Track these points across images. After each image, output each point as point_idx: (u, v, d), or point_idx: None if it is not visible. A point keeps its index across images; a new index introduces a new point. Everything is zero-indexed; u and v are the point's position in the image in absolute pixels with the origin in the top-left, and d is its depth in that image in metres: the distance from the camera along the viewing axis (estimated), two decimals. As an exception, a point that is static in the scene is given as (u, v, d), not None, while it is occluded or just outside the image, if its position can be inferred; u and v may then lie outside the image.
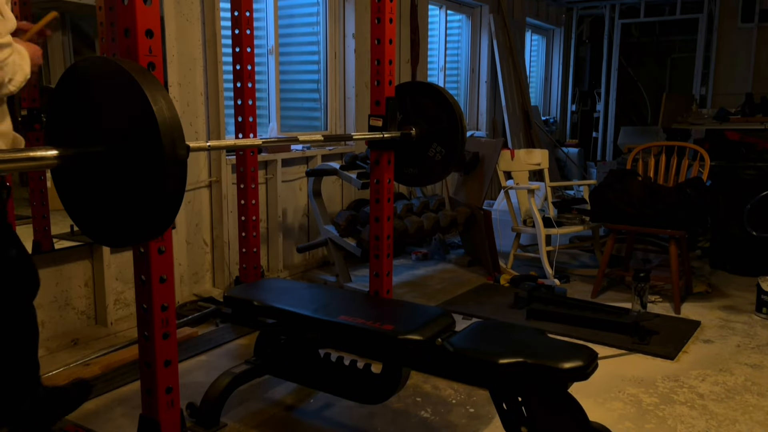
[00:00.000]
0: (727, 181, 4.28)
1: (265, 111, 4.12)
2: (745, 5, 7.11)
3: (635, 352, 2.96)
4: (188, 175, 2.56)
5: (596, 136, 8.52)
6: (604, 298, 3.74)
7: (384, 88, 2.70)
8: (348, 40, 4.58)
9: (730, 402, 2.50)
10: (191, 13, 3.42)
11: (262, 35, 4.04)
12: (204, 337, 3.07)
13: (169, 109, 1.33)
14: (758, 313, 3.51)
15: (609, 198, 3.67)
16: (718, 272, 4.35)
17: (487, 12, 6.39)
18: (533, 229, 4.15)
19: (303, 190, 4.31)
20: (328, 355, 2.28)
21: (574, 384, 1.96)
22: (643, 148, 4.06)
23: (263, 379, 2.55)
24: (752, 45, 7.14)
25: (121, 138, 1.37)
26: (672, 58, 8.31)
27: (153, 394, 1.91)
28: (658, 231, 3.64)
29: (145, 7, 1.67)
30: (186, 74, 3.40)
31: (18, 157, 1.39)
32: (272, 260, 4.08)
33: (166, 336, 1.88)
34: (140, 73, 1.34)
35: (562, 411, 1.86)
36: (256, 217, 3.33)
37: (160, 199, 1.34)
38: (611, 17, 8.18)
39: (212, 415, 2.25)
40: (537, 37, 8.09)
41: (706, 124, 5.82)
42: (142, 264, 1.84)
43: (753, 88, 6.91)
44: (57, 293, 2.98)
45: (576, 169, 7.73)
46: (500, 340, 1.94)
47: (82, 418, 2.32)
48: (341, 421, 2.34)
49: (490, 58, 6.50)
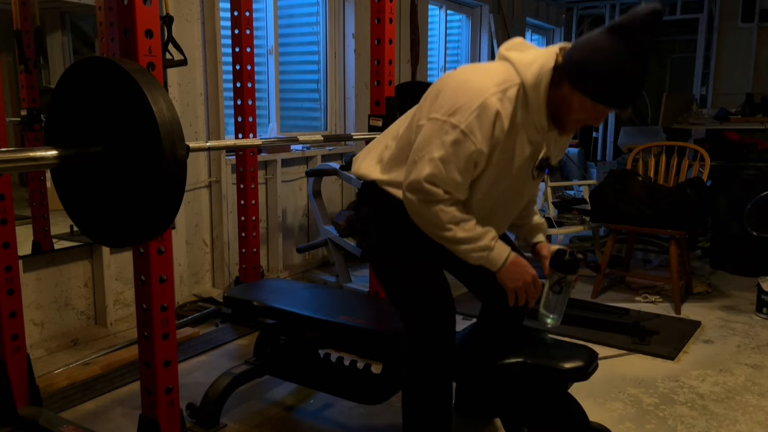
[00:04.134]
0: (728, 181, 4.28)
1: (265, 111, 4.12)
2: (745, 5, 7.10)
3: (635, 352, 2.96)
4: (188, 175, 2.55)
5: (596, 136, 8.52)
6: (604, 298, 3.74)
7: (384, 88, 2.70)
8: (348, 40, 4.58)
9: (731, 402, 2.50)
10: (191, 13, 3.42)
11: (262, 35, 4.04)
12: (204, 338, 3.07)
13: (169, 110, 1.33)
14: (758, 314, 3.51)
15: (609, 198, 3.67)
16: (718, 272, 4.35)
17: (487, 12, 6.39)
18: (533, 229, 4.14)
19: (303, 190, 4.30)
20: (328, 355, 2.27)
21: (574, 384, 1.96)
22: (643, 148, 4.05)
23: (263, 380, 2.55)
24: (752, 45, 7.14)
25: (121, 138, 1.37)
26: (672, 58, 8.31)
27: (153, 395, 1.91)
28: (659, 231, 3.64)
29: (145, 7, 1.66)
30: (186, 74, 3.40)
31: (18, 157, 1.39)
32: (272, 260, 4.08)
33: (166, 336, 1.88)
34: (140, 74, 1.34)
35: (562, 411, 1.86)
36: (255, 217, 3.33)
37: (160, 199, 1.34)
38: (611, 17, 8.18)
39: (212, 416, 2.25)
40: (537, 37, 8.09)
41: (706, 124, 5.82)
42: (142, 264, 1.84)
43: (753, 88, 6.91)
44: (57, 293, 2.98)
45: (576, 170, 7.73)
46: (500, 340, 1.93)
47: (82, 418, 2.32)
48: (341, 421, 2.34)
49: (490, 58, 6.50)
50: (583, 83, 1.57)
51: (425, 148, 1.64)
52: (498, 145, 1.65)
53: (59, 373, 2.61)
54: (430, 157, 1.62)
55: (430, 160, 1.62)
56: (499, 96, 1.61)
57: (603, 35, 1.55)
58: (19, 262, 2.22)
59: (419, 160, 1.65)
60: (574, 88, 1.59)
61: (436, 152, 1.62)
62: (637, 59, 1.52)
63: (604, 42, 1.54)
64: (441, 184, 1.63)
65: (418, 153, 1.66)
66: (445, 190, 1.64)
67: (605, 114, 1.64)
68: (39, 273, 2.90)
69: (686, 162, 3.85)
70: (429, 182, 1.63)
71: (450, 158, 1.61)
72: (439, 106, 1.65)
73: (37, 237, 2.90)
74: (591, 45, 1.57)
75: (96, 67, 1.41)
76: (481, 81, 1.64)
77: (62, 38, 3.09)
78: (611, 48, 1.53)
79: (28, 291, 2.81)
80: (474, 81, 1.65)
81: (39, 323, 2.92)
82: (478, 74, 1.68)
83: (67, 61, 3.10)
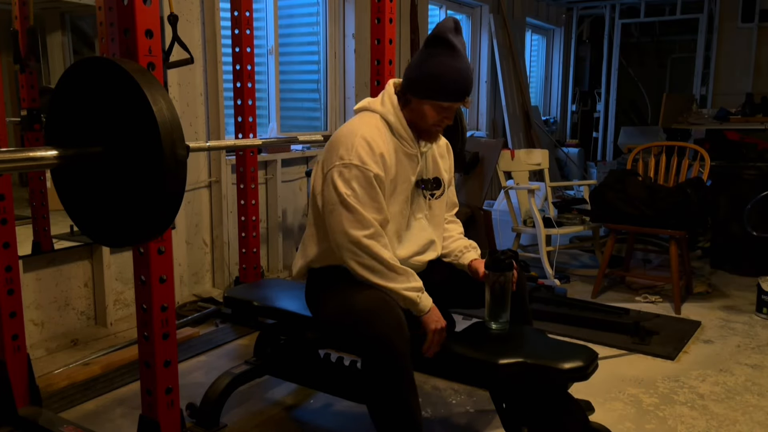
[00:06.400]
0: (728, 181, 4.28)
1: (265, 111, 4.12)
2: (745, 5, 7.10)
3: (635, 352, 2.96)
4: (188, 175, 2.56)
5: (596, 136, 8.52)
6: (605, 299, 3.74)
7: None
8: (348, 40, 4.58)
9: (731, 402, 2.50)
10: (191, 13, 3.41)
11: (262, 35, 4.03)
12: (204, 338, 3.07)
13: (169, 110, 1.33)
14: (758, 314, 3.51)
15: (609, 198, 3.67)
16: (719, 272, 4.35)
17: (487, 12, 6.39)
18: (533, 229, 4.15)
19: (303, 190, 4.30)
20: (328, 355, 2.27)
21: (574, 384, 1.96)
22: (643, 148, 4.05)
23: (263, 380, 2.55)
24: (752, 45, 7.13)
25: (121, 138, 1.37)
26: (672, 58, 8.31)
27: (153, 395, 1.91)
28: (659, 231, 3.64)
29: (145, 7, 1.67)
30: (186, 74, 3.40)
31: (18, 157, 1.39)
32: (272, 260, 4.08)
33: (166, 336, 1.88)
34: (140, 74, 1.34)
35: (562, 411, 1.86)
36: (255, 217, 3.33)
37: (160, 199, 1.34)
38: (611, 17, 8.18)
39: (212, 416, 2.25)
40: (537, 37, 8.09)
41: (706, 124, 5.82)
42: (142, 264, 1.84)
43: (753, 88, 6.90)
44: (57, 293, 2.98)
45: (576, 169, 7.73)
46: (500, 340, 1.94)
47: (82, 418, 2.32)
48: (341, 421, 2.34)
49: (490, 58, 6.50)
50: (423, 90, 1.85)
51: (333, 197, 1.82)
52: (386, 168, 1.85)
53: (59, 373, 2.61)
54: (341, 204, 1.81)
55: (342, 207, 1.80)
56: (368, 129, 1.87)
57: (425, 50, 1.85)
58: (19, 262, 2.22)
59: (333, 212, 1.82)
60: (418, 98, 1.86)
61: (343, 197, 1.80)
62: (456, 57, 1.82)
63: (429, 53, 1.84)
64: (362, 223, 1.80)
65: (330, 206, 1.83)
66: (367, 227, 1.80)
67: (453, 110, 1.90)
68: (39, 273, 2.90)
69: (686, 162, 3.85)
70: (352, 228, 1.80)
71: (358, 195, 1.80)
72: (327, 163, 1.86)
73: (37, 237, 2.90)
74: (419, 61, 1.86)
75: (96, 67, 1.41)
76: (349, 128, 1.90)
77: (62, 38, 3.09)
78: (436, 55, 1.82)
79: (28, 291, 2.81)
80: (343, 131, 1.90)
81: (39, 323, 2.92)
82: (344, 128, 1.93)
83: (67, 61, 3.10)
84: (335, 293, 1.89)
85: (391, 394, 1.74)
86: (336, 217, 1.81)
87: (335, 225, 1.82)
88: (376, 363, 1.73)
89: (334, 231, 1.83)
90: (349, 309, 1.78)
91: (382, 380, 1.74)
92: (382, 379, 1.74)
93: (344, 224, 1.80)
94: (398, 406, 1.75)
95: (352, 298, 1.80)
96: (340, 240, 1.82)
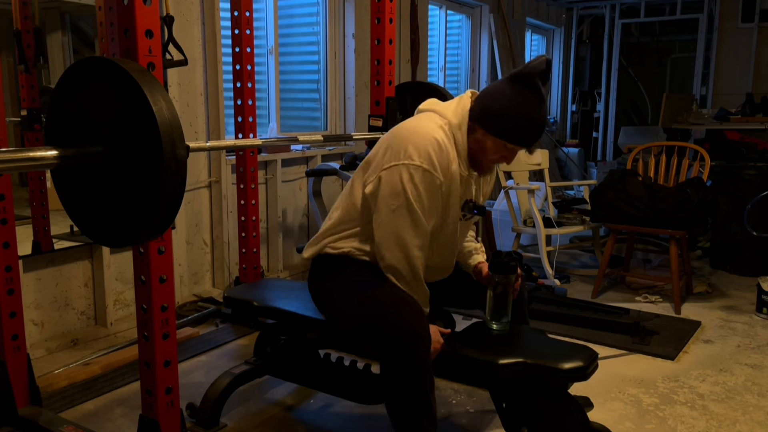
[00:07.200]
0: (728, 181, 4.28)
1: (265, 111, 4.12)
2: (745, 5, 7.10)
3: (635, 352, 2.96)
4: (188, 175, 2.56)
5: (596, 136, 8.52)
6: (605, 299, 3.74)
7: (384, 88, 2.70)
8: (348, 40, 4.58)
9: (731, 402, 2.50)
10: (191, 13, 3.42)
11: (262, 35, 4.03)
12: (204, 338, 3.07)
13: (169, 110, 1.33)
14: (758, 314, 3.51)
15: (609, 198, 3.67)
16: (719, 272, 4.35)
17: (487, 12, 6.39)
18: (533, 229, 4.15)
19: (303, 190, 4.30)
20: (328, 355, 2.27)
21: (574, 384, 1.96)
22: (643, 148, 4.05)
23: (263, 380, 2.55)
24: (752, 45, 7.13)
25: (120, 138, 1.37)
26: (672, 58, 8.30)
27: (153, 395, 1.91)
28: (659, 231, 3.64)
29: (145, 7, 1.66)
30: (186, 74, 3.40)
31: (18, 157, 1.39)
32: (272, 260, 4.08)
33: (166, 336, 1.88)
34: (140, 74, 1.34)
35: (562, 411, 1.86)
36: (255, 217, 3.33)
37: (160, 199, 1.34)
38: (611, 17, 8.18)
39: (212, 416, 2.25)
40: (537, 37, 8.09)
41: (707, 124, 5.81)
42: (142, 264, 1.84)
43: (753, 88, 6.90)
44: (57, 293, 2.98)
45: (576, 169, 7.73)
46: (500, 340, 1.94)
47: (82, 418, 2.32)
48: (341, 421, 2.34)
49: (490, 58, 6.50)
50: (497, 128, 1.78)
51: (398, 194, 1.76)
52: (450, 180, 1.81)
53: (59, 373, 2.61)
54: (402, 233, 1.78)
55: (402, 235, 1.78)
56: (440, 134, 1.80)
57: (510, 85, 1.77)
58: (19, 262, 2.22)
59: (395, 211, 1.77)
60: (487, 132, 1.79)
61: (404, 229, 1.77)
62: (539, 103, 1.75)
63: (512, 91, 1.76)
64: (418, 230, 1.78)
65: (392, 201, 1.77)
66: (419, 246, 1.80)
67: (516, 153, 1.84)
68: (39, 273, 2.90)
69: (686, 162, 3.85)
70: (407, 253, 1.79)
71: (423, 200, 1.76)
72: (392, 158, 1.78)
73: (37, 237, 2.90)
74: (500, 94, 1.78)
75: (96, 67, 1.41)
76: (417, 127, 1.82)
77: (62, 38, 3.09)
78: (519, 96, 1.74)
79: (28, 291, 2.81)
80: (410, 128, 1.83)
81: (39, 323, 2.92)
82: (410, 125, 1.86)
83: (67, 61, 3.10)
84: (349, 285, 1.88)
85: (414, 386, 1.74)
86: (395, 216, 1.77)
87: (388, 223, 1.78)
88: (402, 355, 1.72)
89: (385, 227, 1.79)
90: (373, 301, 1.78)
91: (407, 372, 1.73)
92: (407, 371, 1.73)
93: (400, 225, 1.77)
94: (420, 400, 1.75)
95: (372, 291, 1.80)
96: (389, 238, 1.78)
